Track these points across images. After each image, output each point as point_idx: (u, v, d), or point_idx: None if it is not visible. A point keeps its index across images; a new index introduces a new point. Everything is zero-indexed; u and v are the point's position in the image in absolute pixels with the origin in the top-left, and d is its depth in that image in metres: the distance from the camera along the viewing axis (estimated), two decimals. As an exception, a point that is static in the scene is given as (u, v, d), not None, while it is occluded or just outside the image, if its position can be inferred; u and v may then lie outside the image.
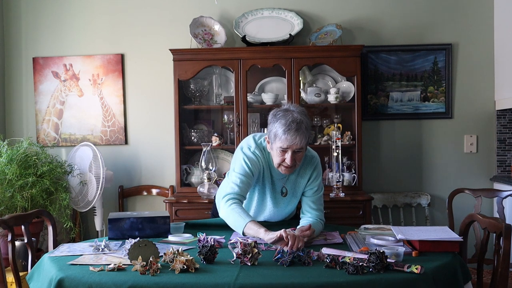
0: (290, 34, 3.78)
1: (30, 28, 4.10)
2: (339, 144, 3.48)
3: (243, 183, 2.35)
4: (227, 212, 2.31)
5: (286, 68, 3.61)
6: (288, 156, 2.28)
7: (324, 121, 3.81)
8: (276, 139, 2.27)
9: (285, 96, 3.66)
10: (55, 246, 2.42)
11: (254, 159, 2.39)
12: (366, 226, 2.38)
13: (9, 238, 2.23)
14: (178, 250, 1.87)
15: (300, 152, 2.30)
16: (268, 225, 2.52)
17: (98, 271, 1.80)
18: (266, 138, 2.39)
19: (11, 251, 2.24)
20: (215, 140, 3.70)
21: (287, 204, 2.55)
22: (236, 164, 2.41)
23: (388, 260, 1.77)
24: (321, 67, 3.89)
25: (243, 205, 2.52)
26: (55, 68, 4.07)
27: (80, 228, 3.93)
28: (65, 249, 2.14)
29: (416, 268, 1.72)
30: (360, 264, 1.75)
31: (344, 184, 3.59)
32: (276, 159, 2.33)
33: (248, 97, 3.66)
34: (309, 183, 2.47)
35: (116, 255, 2.02)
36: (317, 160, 2.50)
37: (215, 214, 2.77)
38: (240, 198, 2.34)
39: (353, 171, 3.66)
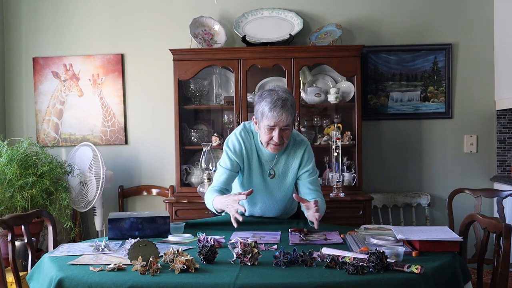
0: (290, 34, 3.78)
1: (30, 28, 4.10)
2: (339, 144, 3.48)
3: (224, 175, 2.48)
4: (205, 200, 2.50)
5: (286, 68, 3.61)
6: (275, 133, 2.34)
7: (324, 121, 3.81)
8: (263, 117, 2.34)
9: (285, 96, 3.65)
10: (55, 246, 2.41)
11: (236, 146, 2.48)
12: (366, 226, 2.38)
13: (9, 238, 2.23)
14: (178, 250, 1.87)
15: (287, 129, 2.37)
16: (266, 222, 2.53)
17: (98, 271, 1.80)
18: (253, 118, 2.44)
19: (11, 251, 2.24)
20: (215, 140, 3.70)
21: (277, 188, 2.54)
22: (222, 156, 2.54)
23: (388, 260, 1.77)
24: (321, 67, 3.89)
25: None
26: (55, 68, 4.07)
27: (80, 228, 3.93)
28: (65, 249, 2.13)
29: (416, 268, 1.72)
30: (360, 264, 1.75)
31: (344, 184, 3.59)
32: (264, 137, 2.40)
33: (248, 97, 3.66)
34: (302, 166, 2.51)
35: (116, 255, 2.01)
36: (307, 143, 2.56)
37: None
38: (220, 189, 2.46)
39: (353, 171, 3.66)
